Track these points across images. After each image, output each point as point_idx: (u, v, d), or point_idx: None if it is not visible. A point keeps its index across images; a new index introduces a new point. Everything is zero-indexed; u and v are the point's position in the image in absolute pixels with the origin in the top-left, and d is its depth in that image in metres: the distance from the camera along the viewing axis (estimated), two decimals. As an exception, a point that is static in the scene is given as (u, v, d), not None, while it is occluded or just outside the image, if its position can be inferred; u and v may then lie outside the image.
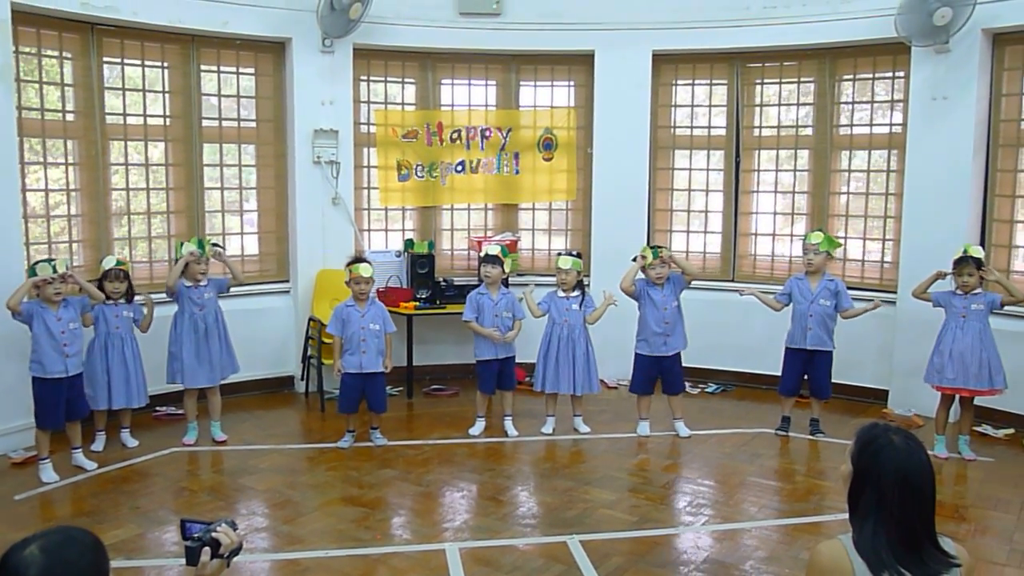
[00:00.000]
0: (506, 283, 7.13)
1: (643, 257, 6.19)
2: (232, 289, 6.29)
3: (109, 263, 5.81)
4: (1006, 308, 6.27)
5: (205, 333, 5.99)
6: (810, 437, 6.24)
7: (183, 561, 2.17)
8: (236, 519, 4.66)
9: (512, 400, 6.46)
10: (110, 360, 5.76)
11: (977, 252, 5.78)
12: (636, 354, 6.36)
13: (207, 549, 2.14)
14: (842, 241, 6.58)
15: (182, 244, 6.09)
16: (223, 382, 6.27)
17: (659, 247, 6.29)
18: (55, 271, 5.30)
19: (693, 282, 6.44)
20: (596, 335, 6.42)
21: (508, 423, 6.35)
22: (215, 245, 6.21)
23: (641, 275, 6.26)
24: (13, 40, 5.76)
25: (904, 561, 2.10)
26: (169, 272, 6.19)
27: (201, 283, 6.02)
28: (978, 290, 5.75)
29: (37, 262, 5.38)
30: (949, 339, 5.77)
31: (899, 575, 2.09)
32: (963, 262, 5.73)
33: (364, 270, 5.87)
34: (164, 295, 6.13)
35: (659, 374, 6.33)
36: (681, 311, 6.28)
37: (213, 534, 2.16)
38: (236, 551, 2.20)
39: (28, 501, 5.01)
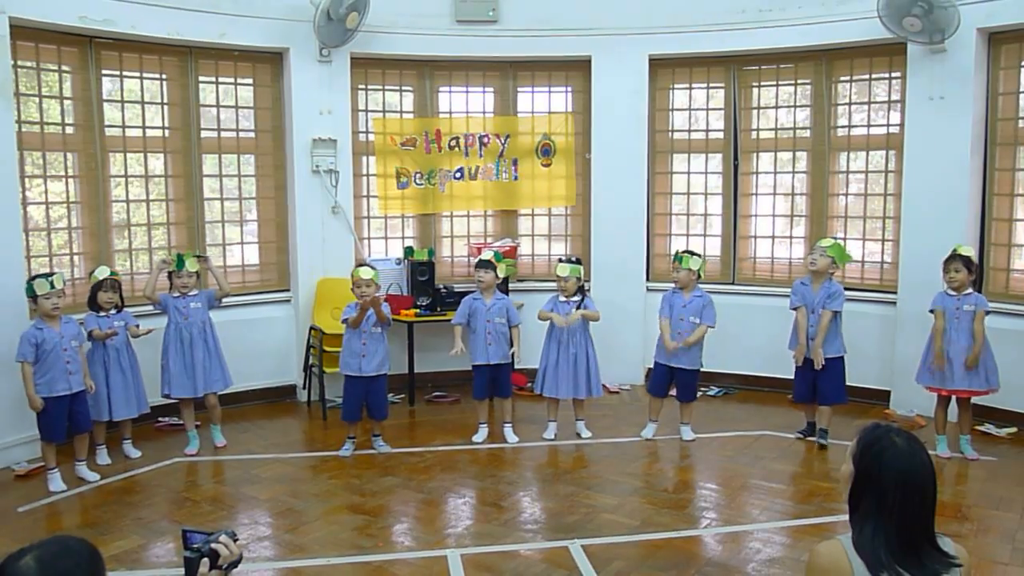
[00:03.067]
0: (506, 288, 7.15)
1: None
2: (223, 300, 6.34)
3: (103, 273, 5.85)
4: (1009, 308, 6.30)
5: (190, 343, 6.04)
6: (814, 440, 6.22)
7: (183, 572, 2.18)
8: (239, 528, 4.71)
9: (511, 407, 6.47)
10: (109, 371, 5.79)
11: (966, 251, 5.80)
12: (654, 359, 6.39)
13: (206, 560, 2.15)
14: (851, 255, 6.46)
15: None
16: (218, 394, 6.28)
17: (683, 255, 6.27)
18: (52, 287, 5.34)
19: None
20: (598, 340, 6.43)
21: (507, 430, 6.36)
22: (199, 257, 6.23)
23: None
24: (12, 54, 5.79)
25: (903, 562, 2.10)
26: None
27: (189, 294, 6.07)
28: (968, 290, 5.75)
29: (34, 277, 5.41)
30: (943, 342, 5.76)
31: (897, 575, 2.09)
32: (950, 259, 5.77)
33: (364, 273, 5.91)
34: (154, 308, 6.21)
35: (672, 380, 6.33)
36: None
37: (213, 545, 2.17)
38: (235, 563, 2.20)
39: (31, 513, 5.02)
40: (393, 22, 7.32)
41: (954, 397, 5.86)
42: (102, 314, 5.81)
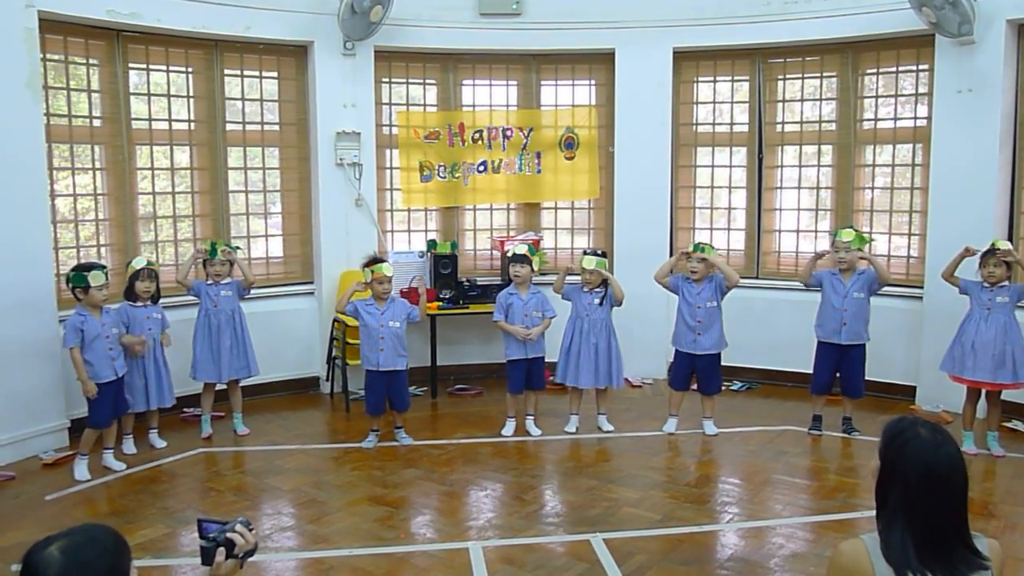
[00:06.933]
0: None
1: (684, 253, 6.23)
2: (251, 291, 6.44)
3: (140, 263, 5.91)
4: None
5: (218, 330, 6.21)
6: (842, 435, 6.18)
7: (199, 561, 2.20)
8: (262, 518, 4.76)
9: (536, 400, 6.47)
10: (146, 363, 5.89)
11: (1005, 246, 5.71)
12: (674, 349, 6.38)
13: (222, 549, 2.16)
14: (872, 237, 6.50)
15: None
16: (246, 383, 6.48)
17: (704, 245, 6.25)
18: (107, 278, 5.47)
19: (733, 288, 6.21)
20: (621, 333, 6.41)
21: (530, 423, 6.37)
22: (229, 247, 6.33)
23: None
24: (41, 48, 5.85)
25: (929, 561, 2.04)
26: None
27: (221, 281, 6.21)
28: (1005, 283, 5.68)
29: (87, 268, 5.44)
30: (972, 331, 5.71)
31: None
32: (989, 254, 5.67)
33: (388, 269, 5.92)
34: (187, 294, 6.36)
35: (694, 371, 6.31)
36: (720, 313, 6.21)
37: (228, 535, 2.18)
38: (251, 552, 2.21)
39: (58, 501, 5.08)
40: (417, 15, 7.33)
41: (983, 392, 5.80)
42: (139, 304, 5.87)
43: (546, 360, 6.43)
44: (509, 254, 6.52)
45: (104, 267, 5.55)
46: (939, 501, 2.07)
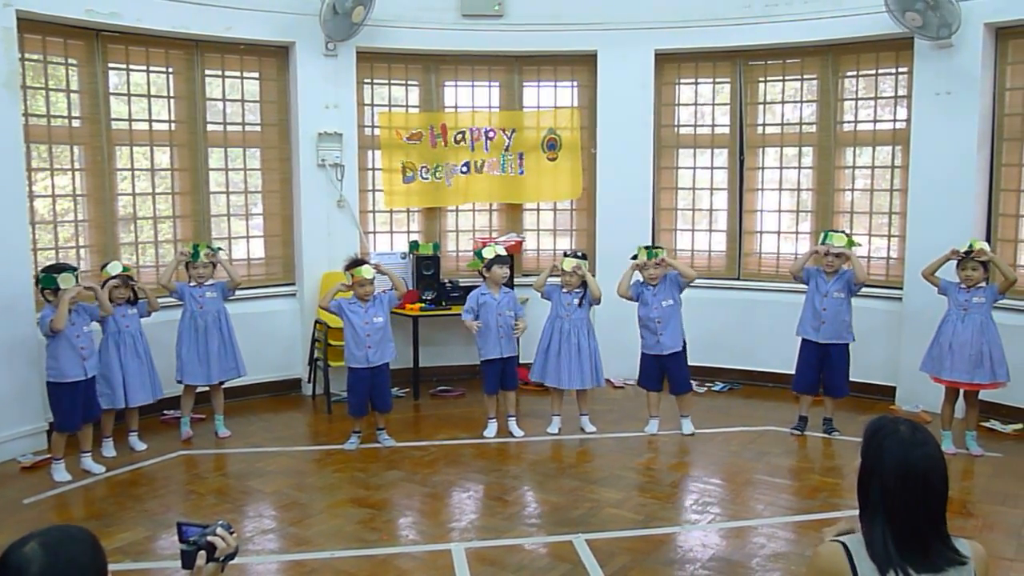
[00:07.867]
0: (511, 283, 7.14)
1: (637, 259, 6.22)
2: (236, 292, 6.42)
3: (114, 269, 5.84)
4: (1016, 304, 6.28)
5: (204, 332, 6.17)
6: (822, 435, 6.21)
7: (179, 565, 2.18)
8: (243, 521, 4.74)
9: (515, 400, 6.47)
10: (123, 358, 5.83)
11: (981, 246, 5.75)
12: (641, 351, 6.39)
13: (202, 553, 2.14)
14: (859, 243, 6.53)
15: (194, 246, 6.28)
16: (228, 384, 6.43)
17: (657, 248, 6.28)
18: (77, 281, 5.36)
19: (692, 283, 6.31)
20: (601, 334, 6.43)
21: (512, 423, 6.36)
22: (212, 248, 6.29)
23: (638, 275, 6.26)
24: (19, 47, 5.80)
25: (909, 557, 2.06)
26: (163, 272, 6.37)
27: (205, 283, 6.18)
28: (982, 284, 5.73)
29: (58, 270, 5.36)
30: (949, 331, 5.76)
31: (904, 573, 2.04)
32: (967, 257, 5.71)
33: (367, 272, 5.90)
34: (169, 296, 6.28)
35: (663, 372, 6.33)
36: (678, 310, 6.24)
37: (209, 538, 2.16)
38: (232, 555, 2.19)
39: (37, 505, 5.04)
40: (399, 16, 7.32)
41: (962, 392, 5.85)
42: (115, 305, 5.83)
43: (525, 362, 6.45)
44: (491, 255, 6.46)
45: (75, 269, 5.45)
46: (916, 497, 2.09)
